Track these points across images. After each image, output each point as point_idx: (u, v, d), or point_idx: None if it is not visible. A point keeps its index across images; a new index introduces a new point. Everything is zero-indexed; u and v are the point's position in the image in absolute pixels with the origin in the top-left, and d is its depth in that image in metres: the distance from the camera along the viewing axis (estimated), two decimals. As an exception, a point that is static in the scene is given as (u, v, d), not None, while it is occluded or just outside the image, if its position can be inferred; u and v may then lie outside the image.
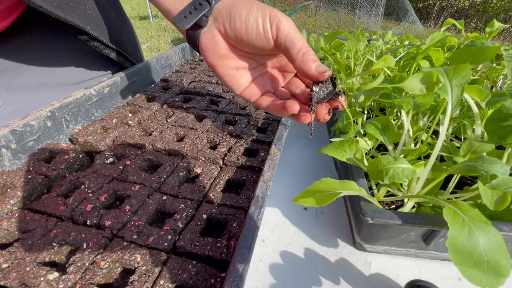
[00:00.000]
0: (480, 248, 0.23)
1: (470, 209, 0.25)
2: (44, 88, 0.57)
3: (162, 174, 0.40)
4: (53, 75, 0.58)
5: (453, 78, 0.33)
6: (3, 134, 0.38)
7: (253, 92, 0.33)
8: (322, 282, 0.36)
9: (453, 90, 0.32)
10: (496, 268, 0.22)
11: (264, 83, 0.34)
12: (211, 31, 0.31)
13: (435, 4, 8.05)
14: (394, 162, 0.31)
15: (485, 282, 0.22)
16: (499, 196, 0.26)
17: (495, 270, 0.22)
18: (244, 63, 0.33)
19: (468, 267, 0.22)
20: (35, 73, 0.56)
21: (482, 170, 0.26)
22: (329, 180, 0.30)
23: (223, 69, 0.33)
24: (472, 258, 0.23)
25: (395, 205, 0.40)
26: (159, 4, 0.34)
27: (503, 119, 0.32)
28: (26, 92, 0.55)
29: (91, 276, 0.28)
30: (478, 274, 0.22)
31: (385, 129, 0.40)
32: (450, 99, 0.32)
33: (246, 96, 0.34)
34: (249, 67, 0.34)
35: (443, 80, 0.33)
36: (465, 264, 0.23)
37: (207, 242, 0.31)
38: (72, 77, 0.61)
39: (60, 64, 0.59)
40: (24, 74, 0.54)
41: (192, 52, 0.90)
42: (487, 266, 0.22)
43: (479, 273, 0.22)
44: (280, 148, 0.41)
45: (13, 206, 0.35)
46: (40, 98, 0.55)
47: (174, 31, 5.25)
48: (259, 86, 0.34)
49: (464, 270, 0.23)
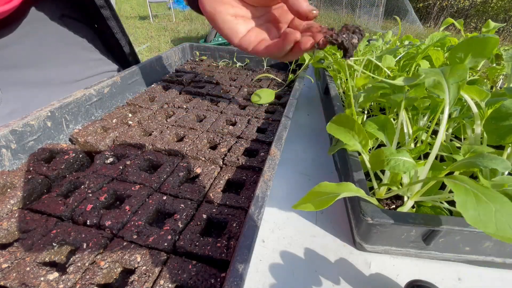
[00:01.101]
0: (492, 211, 0.22)
1: (469, 180, 0.25)
2: (44, 86, 0.56)
3: (162, 174, 0.40)
4: (53, 73, 0.58)
5: (450, 77, 0.33)
6: (3, 134, 0.38)
7: (251, 39, 0.34)
8: (322, 282, 0.36)
9: (450, 88, 0.33)
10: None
11: (262, 33, 0.35)
12: None
13: (435, 4, 8.05)
14: (396, 154, 0.31)
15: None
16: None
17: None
18: (242, 11, 0.34)
19: (488, 222, 0.21)
20: (34, 70, 0.55)
21: (482, 165, 0.26)
22: (326, 184, 0.30)
23: (221, 16, 0.33)
24: (490, 213, 0.22)
25: (395, 205, 0.40)
26: None
27: (502, 118, 0.32)
28: (26, 90, 0.54)
29: (91, 276, 0.28)
30: (503, 224, 0.21)
31: (384, 128, 0.40)
32: (447, 97, 0.33)
33: (244, 43, 0.34)
34: (248, 16, 0.35)
35: (440, 79, 0.33)
36: (486, 222, 0.21)
37: (207, 242, 0.31)
38: (73, 75, 0.61)
39: (60, 61, 0.59)
40: (22, 71, 0.53)
41: (192, 52, 0.90)
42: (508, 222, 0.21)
43: (504, 223, 0.21)
44: (280, 148, 0.41)
45: (13, 206, 0.35)
46: (41, 96, 0.55)
47: (174, 31, 5.25)
48: (257, 34, 0.35)
49: (486, 224, 0.21)
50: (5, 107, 0.51)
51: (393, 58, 0.58)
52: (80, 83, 0.62)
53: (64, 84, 0.59)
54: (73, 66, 0.61)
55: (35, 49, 0.54)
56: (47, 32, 0.56)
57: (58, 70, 0.58)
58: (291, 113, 0.51)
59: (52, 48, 0.57)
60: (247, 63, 0.88)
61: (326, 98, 0.75)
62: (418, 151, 0.36)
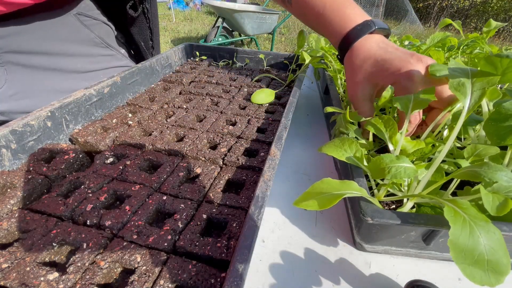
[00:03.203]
0: (481, 246, 0.23)
1: (471, 207, 0.25)
2: (50, 73, 0.58)
3: (162, 174, 0.40)
4: (61, 62, 0.59)
5: (477, 81, 0.31)
6: (3, 134, 0.38)
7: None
8: (322, 282, 0.36)
9: (473, 94, 0.31)
10: (496, 266, 0.22)
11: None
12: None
13: (435, 4, 8.05)
14: (396, 161, 0.31)
15: (485, 280, 0.22)
16: (501, 202, 0.26)
17: (495, 269, 0.22)
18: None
19: (469, 266, 0.23)
20: (41, 57, 0.56)
21: (486, 177, 0.26)
22: (330, 180, 0.30)
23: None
24: (473, 257, 0.23)
25: (395, 206, 0.40)
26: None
27: (502, 119, 0.32)
28: (31, 74, 0.55)
29: (91, 276, 0.28)
30: (478, 273, 0.22)
31: (386, 129, 0.40)
32: (467, 104, 0.31)
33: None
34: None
35: (465, 82, 0.31)
36: (466, 263, 0.23)
37: (207, 242, 0.31)
38: (80, 66, 0.63)
39: (69, 54, 0.60)
40: (29, 56, 0.55)
41: (192, 52, 0.90)
42: (487, 265, 0.22)
43: (480, 271, 0.22)
44: (280, 148, 0.41)
45: (13, 206, 0.35)
46: (45, 82, 0.56)
47: (174, 31, 5.25)
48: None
49: (465, 268, 0.23)
50: (9, 88, 0.52)
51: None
52: (87, 75, 0.63)
53: (69, 73, 0.61)
54: (81, 59, 0.63)
55: (46, 41, 0.56)
56: (60, 27, 0.58)
57: (66, 60, 0.60)
58: (291, 113, 0.51)
59: (63, 41, 0.59)
60: (247, 63, 0.88)
61: (326, 98, 0.75)
62: (421, 153, 0.36)
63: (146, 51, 0.77)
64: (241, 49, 0.88)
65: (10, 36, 0.52)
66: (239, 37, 3.96)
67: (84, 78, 0.63)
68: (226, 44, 3.75)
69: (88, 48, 0.64)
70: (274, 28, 3.78)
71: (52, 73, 0.58)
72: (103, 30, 0.68)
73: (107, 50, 0.69)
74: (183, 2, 7.46)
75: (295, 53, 0.81)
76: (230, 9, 3.28)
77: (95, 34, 0.66)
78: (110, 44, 0.70)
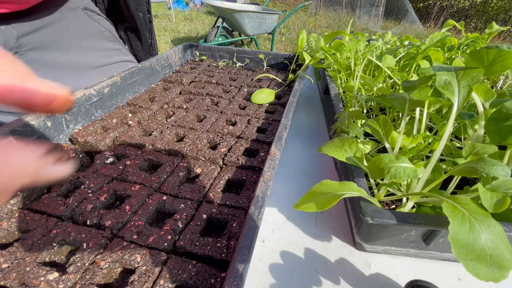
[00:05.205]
0: (482, 241, 0.23)
1: (470, 203, 0.25)
2: (66, 69, 0.59)
3: (162, 174, 0.40)
4: (75, 57, 0.61)
5: (462, 79, 0.32)
6: (3, 134, 0.38)
7: None
8: (322, 282, 0.36)
9: (461, 91, 0.32)
10: (499, 261, 0.22)
11: None
12: None
13: (435, 4, 8.05)
14: (395, 161, 0.31)
15: (489, 275, 0.22)
16: (499, 199, 0.26)
17: (498, 263, 0.22)
18: None
19: (472, 261, 0.22)
20: (59, 53, 0.58)
21: (483, 172, 0.26)
22: (328, 182, 0.30)
23: None
24: (475, 252, 0.22)
25: (395, 205, 0.40)
26: None
27: (503, 119, 0.32)
28: (50, 72, 0.57)
29: (91, 276, 0.28)
30: (481, 268, 0.22)
31: (384, 129, 0.40)
32: (456, 101, 0.32)
33: None
34: None
35: (451, 80, 0.32)
36: (468, 258, 0.22)
37: (207, 242, 0.31)
38: (91, 61, 0.65)
39: (81, 48, 0.62)
40: (48, 53, 0.57)
41: (192, 52, 0.90)
42: (490, 260, 0.22)
43: (483, 266, 0.22)
44: (280, 148, 0.41)
45: (13, 206, 0.35)
46: (63, 79, 0.57)
47: (174, 31, 5.25)
48: None
49: (468, 264, 0.22)
50: None
51: (393, 58, 0.58)
52: (97, 70, 0.65)
53: (82, 70, 0.63)
54: (92, 53, 0.65)
55: (60, 35, 0.58)
56: (71, 20, 0.60)
57: (79, 55, 0.62)
58: (291, 113, 0.51)
59: (75, 35, 0.61)
60: (247, 63, 0.88)
61: (326, 98, 0.75)
62: (416, 151, 0.36)
63: (144, 35, 0.79)
64: (241, 49, 0.88)
65: (29, 34, 0.53)
66: (239, 37, 3.96)
67: (95, 73, 0.64)
68: (226, 44, 3.75)
69: (98, 42, 0.66)
70: (274, 28, 3.77)
71: (67, 70, 0.59)
72: (109, 24, 0.71)
73: (115, 44, 0.71)
74: (183, 2, 7.46)
75: (295, 53, 0.81)
76: (230, 9, 3.28)
77: (104, 27, 0.68)
78: (117, 38, 0.72)
